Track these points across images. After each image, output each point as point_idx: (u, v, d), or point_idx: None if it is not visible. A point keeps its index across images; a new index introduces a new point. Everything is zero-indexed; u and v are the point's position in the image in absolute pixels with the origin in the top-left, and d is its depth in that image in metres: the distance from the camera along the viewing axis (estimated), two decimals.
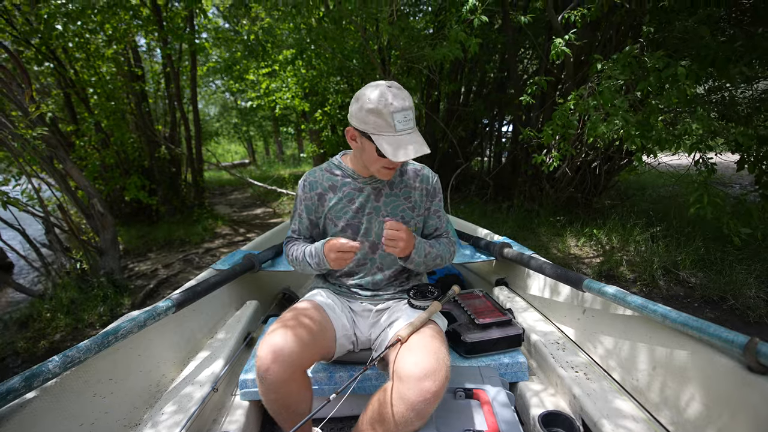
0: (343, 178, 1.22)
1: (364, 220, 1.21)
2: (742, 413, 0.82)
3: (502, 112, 6.15)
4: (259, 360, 0.95)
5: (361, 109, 1.03)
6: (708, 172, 2.42)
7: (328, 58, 5.21)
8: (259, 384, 0.98)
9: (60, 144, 3.04)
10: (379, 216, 1.21)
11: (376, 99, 1.01)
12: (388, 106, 1.00)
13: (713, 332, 0.89)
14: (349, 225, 1.21)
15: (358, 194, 1.21)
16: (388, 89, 1.02)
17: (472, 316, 1.35)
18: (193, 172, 6.36)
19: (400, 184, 1.23)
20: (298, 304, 1.16)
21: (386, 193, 1.22)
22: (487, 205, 5.16)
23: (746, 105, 3.33)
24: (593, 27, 3.73)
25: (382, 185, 1.21)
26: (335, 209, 1.22)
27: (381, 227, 1.20)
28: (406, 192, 1.23)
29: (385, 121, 1.00)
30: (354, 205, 1.21)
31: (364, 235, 1.22)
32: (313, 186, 1.23)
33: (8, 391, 0.80)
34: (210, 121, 14.44)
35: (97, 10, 3.97)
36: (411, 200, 1.23)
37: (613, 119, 2.41)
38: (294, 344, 0.96)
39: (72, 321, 2.62)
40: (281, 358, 0.94)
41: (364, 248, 1.22)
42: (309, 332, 1.02)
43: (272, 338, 0.97)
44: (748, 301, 2.43)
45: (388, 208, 1.21)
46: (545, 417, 1.06)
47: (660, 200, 5.03)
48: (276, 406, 1.01)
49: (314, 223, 1.28)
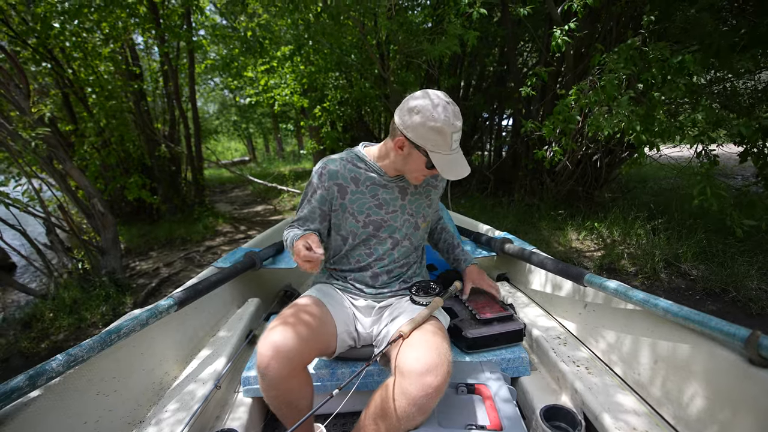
0: (366, 172, 1.19)
1: (389, 218, 1.21)
2: (743, 406, 0.82)
3: (502, 105, 6.12)
4: (259, 357, 0.96)
5: (424, 126, 1.01)
6: (710, 164, 2.41)
7: (326, 53, 5.17)
8: (260, 381, 0.98)
9: (60, 144, 3.04)
10: (405, 214, 1.23)
11: (442, 119, 1.00)
12: (451, 126, 1.01)
13: (715, 326, 0.88)
14: (372, 221, 1.20)
15: (382, 190, 1.20)
16: (448, 105, 1.02)
17: (473, 311, 1.35)
18: (194, 170, 6.36)
19: (424, 183, 1.25)
20: (298, 300, 1.15)
21: (411, 192, 1.23)
22: (488, 200, 5.15)
23: (749, 96, 3.30)
24: (593, 18, 3.69)
25: (408, 185, 1.22)
26: (358, 203, 1.19)
27: (407, 224, 1.23)
28: (427, 191, 1.26)
29: (444, 140, 1.02)
30: (376, 200, 1.20)
31: (386, 231, 1.22)
32: (332, 176, 1.18)
33: (12, 390, 0.80)
34: (209, 118, 14.41)
35: (93, 8, 3.94)
36: (430, 198, 1.28)
37: (616, 114, 2.39)
38: (293, 340, 0.97)
39: (75, 320, 2.64)
40: (281, 354, 0.94)
41: (386, 244, 1.23)
42: (308, 328, 1.02)
43: (272, 335, 0.97)
44: (750, 293, 2.43)
45: (413, 206, 1.24)
46: (547, 411, 1.06)
47: (661, 192, 5.01)
48: (277, 403, 1.02)
49: (325, 214, 1.22)
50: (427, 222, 1.30)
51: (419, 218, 1.26)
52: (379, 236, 1.22)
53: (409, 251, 1.28)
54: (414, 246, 1.29)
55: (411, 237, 1.26)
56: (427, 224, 1.30)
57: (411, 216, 1.24)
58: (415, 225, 1.26)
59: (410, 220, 1.24)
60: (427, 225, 1.31)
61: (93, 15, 4.10)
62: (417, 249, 1.32)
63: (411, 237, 1.26)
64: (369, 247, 1.23)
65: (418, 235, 1.29)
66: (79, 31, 4.17)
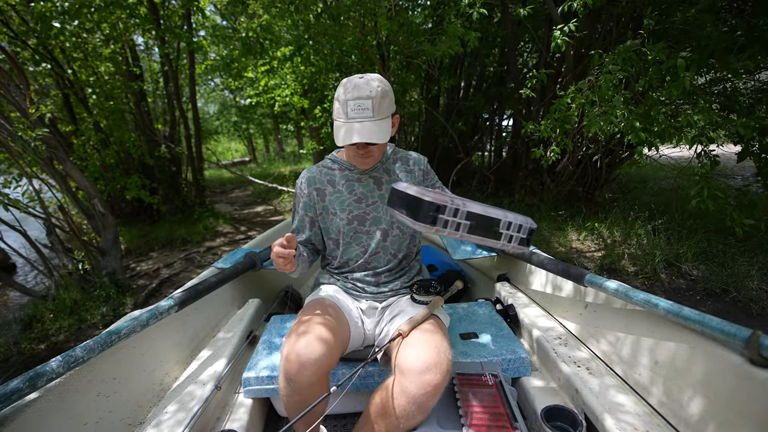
0: (340, 172, 1.25)
1: (370, 210, 1.23)
2: (744, 407, 0.82)
3: (502, 106, 6.12)
4: (288, 364, 0.95)
5: (334, 99, 1.09)
6: (711, 165, 2.41)
7: (326, 54, 5.18)
8: (285, 386, 0.97)
9: (60, 145, 3.04)
10: (385, 203, 1.23)
11: (343, 89, 1.05)
12: (346, 93, 1.04)
13: (715, 326, 0.88)
14: (356, 216, 1.23)
15: (358, 185, 1.23)
16: (358, 79, 1.06)
17: (461, 413, 1.01)
18: (194, 171, 6.36)
19: (397, 170, 1.27)
20: (313, 301, 1.16)
21: (387, 181, 1.24)
22: (488, 200, 5.14)
23: (748, 96, 3.30)
24: (594, 19, 3.69)
25: (380, 174, 1.24)
26: (337, 202, 1.23)
27: (389, 214, 1.23)
28: (404, 176, 1.27)
29: (342, 108, 1.05)
30: (354, 196, 1.23)
31: (372, 223, 1.23)
32: (311, 182, 1.26)
33: (12, 392, 0.80)
34: (209, 119, 14.42)
35: (94, 9, 3.95)
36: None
37: (610, 115, 2.39)
38: (320, 346, 0.96)
39: (75, 321, 2.64)
40: (310, 361, 0.94)
41: (376, 236, 1.23)
42: (331, 332, 1.02)
43: (300, 342, 0.97)
44: (751, 293, 2.42)
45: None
46: (548, 412, 1.06)
47: (661, 193, 5.01)
48: (298, 407, 1.00)
49: (313, 220, 1.30)
50: None
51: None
52: (367, 230, 1.24)
53: (401, 240, 1.27)
54: (405, 234, 1.28)
55: (399, 224, 1.27)
56: None
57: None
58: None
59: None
60: None
61: (93, 15, 4.10)
62: (410, 237, 1.30)
63: (399, 224, 1.27)
64: (360, 243, 1.25)
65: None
66: (79, 32, 4.17)
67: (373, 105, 1.03)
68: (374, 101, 1.03)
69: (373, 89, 1.04)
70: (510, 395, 1.06)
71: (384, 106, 1.06)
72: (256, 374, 1.21)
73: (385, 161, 1.26)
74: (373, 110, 1.04)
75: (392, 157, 1.29)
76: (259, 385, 1.21)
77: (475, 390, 1.10)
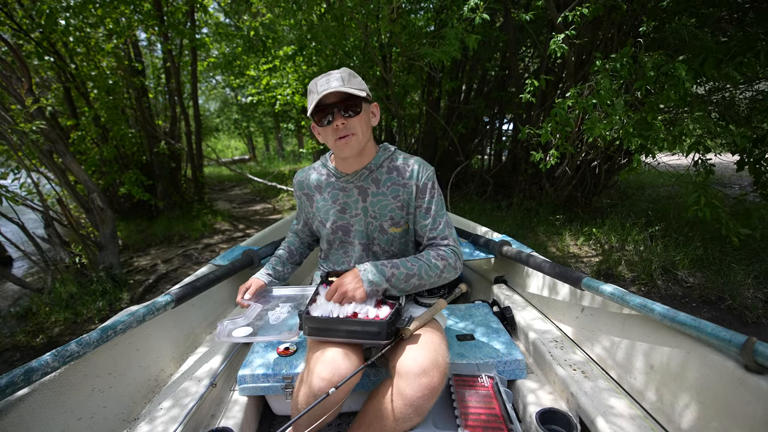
0: (328, 178, 1.21)
1: (354, 222, 1.18)
2: (738, 412, 0.83)
3: (502, 110, 6.13)
4: (318, 380, 0.91)
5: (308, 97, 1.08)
6: (706, 173, 2.42)
7: (328, 54, 5.19)
8: (309, 397, 0.93)
9: (59, 138, 3.03)
10: (368, 217, 1.17)
11: (313, 83, 1.05)
12: (317, 83, 1.04)
13: (711, 332, 0.89)
14: (339, 227, 1.20)
15: (342, 194, 1.18)
16: (329, 74, 1.04)
17: (456, 414, 1.05)
18: (193, 168, 6.35)
19: (388, 182, 1.14)
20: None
21: (372, 192, 1.15)
22: (487, 204, 5.16)
23: (746, 105, 3.32)
24: (595, 26, 3.71)
25: (367, 184, 1.15)
26: (323, 210, 1.22)
27: (371, 227, 1.18)
28: (394, 190, 1.14)
29: (313, 89, 1.04)
30: (338, 205, 1.19)
31: (355, 236, 1.20)
32: (299, 186, 1.27)
33: (7, 385, 0.80)
34: (210, 116, 14.39)
35: (98, 4, 3.95)
36: (400, 198, 1.14)
37: (611, 119, 2.40)
38: (346, 361, 0.94)
39: (71, 315, 2.63)
40: (337, 375, 0.91)
41: (357, 250, 1.20)
42: (351, 348, 0.99)
43: (326, 355, 0.94)
44: (746, 301, 2.44)
45: (376, 208, 1.15)
46: (543, 414, 1.06)
47: (659, 200, 5.03)
48: (311, 412, 0.94)
49: (305, 221, 1.35)
50: (401, 227, 1.17)
51: (385, 221, 1.15)
52: (351, 241, 1.21)
53: (389, 253, 1.20)
54: (388, 253, 1.20)
55: (380, 242, 1.18)
56: (400, 229, 1.17)
57: (374, 219, 1.16)
58: (380, 228, 1.17)
59: (373, 223, 1.16)
60: (402, 230, 1.18)
61: (97, 11, 4.10)
62: (394, 257, 1.20)
63: (380, 242, 1.18)
64: (346, 252, 1.24)
65: (387, 239, 1.18)
66: (82, 27, 4.17)
67: (342, 77, 1.03)
68: (342, 75, 1.04)
69: (341, 70, 1.05)
70: (505, 397, 1.07)
71: (354, 82, 1.05)
72: (252, 372, 1.21)
73: (375, 168, 1.14)
74: (343, 81, 1.03)
75: (386, 163, 1.16)
76: (254, 382, 1.21)
77: (471, 391, 1.10)
